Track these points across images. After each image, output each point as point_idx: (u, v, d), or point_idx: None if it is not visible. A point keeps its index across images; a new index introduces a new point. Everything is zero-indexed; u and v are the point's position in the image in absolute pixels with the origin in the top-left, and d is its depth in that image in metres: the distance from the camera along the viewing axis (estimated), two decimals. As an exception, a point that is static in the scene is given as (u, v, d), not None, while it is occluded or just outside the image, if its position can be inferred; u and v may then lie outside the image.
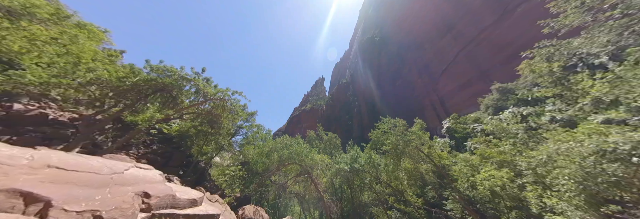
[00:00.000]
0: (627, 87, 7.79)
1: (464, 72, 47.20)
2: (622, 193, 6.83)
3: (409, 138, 15.98)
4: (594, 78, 9.07)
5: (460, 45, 48.97)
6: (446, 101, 51.83)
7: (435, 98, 55.73)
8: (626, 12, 8.00)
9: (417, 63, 65.99)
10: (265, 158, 16.50)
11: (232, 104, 16.55)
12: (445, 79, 53.52)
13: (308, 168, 15.73)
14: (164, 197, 4.27)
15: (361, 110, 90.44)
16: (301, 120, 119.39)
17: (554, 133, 10.54)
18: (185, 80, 14.28)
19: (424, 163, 17.25)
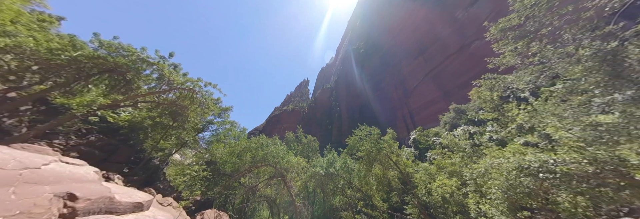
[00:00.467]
0: (540, 118, 9.68)
1: (430, 91, 52.14)
2: (531, 202, 8.35)
3: (382, 146, 16.78)
4: (519, 109, 11.06)
5: (430, 67, 54.32)
6: (415, 115, 56.16)
7: (407, 112, 60.03)
8: (542, 60, 10.10)
9: (394, 78, 70.76)
10: (236, 158, 14.60)
11: (203, 96, 14.50)
12: (416, 96, 58.28)
13: (283, 171, 15.03)
14: (97, 200, 3.42)
15: (342, 115, 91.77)
16: (281, 120, 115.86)
17: (491, 150, 12.40)
18: (146, 63, 12.05)
19: (392, 170, 18.13)
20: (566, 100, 8.97)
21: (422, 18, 57.22)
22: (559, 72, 8.71)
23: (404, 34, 67.98)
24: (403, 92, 65.43)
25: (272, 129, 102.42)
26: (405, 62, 66.38)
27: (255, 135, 20.55)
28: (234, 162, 14.64)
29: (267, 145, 15.07)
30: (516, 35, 9.21)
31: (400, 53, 69.27)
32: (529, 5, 8.27)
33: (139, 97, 13.15)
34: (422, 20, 57.29)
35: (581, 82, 7.86)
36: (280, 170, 14.93)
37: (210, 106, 15.41)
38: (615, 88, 6.99)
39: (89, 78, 11.16)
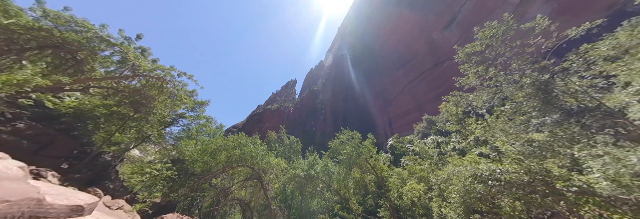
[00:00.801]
0: (491, 133, 10.98)
1: (407, 102, 55.54)
2: (482, 205, 9.38)
3: (362, 150, 17.15)
4: (477, 123, 12.42)
5: (408, 80, 58.08)
6: (393, 123, 59.02)
7: (386, 120, 62.85)
8: (496, 84, 11.57)
9: (377, 87, 73.89)
10: (208, 157, 12.86)
11: (176, 87, 12.77)
12: (395, 105, 61.49)
13: (260, 172, 13.70)
14: (18, 202, 2.69)
15: (327, 118, 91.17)
16: (264, 118, 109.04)
17: (453, 158, 13.64)
18: (105, 42, 10.13)
19: (369, 174, 18.66)
20: (512, 119, 10.26)
21: (404, 35, 61.45)
22: (508, 95, 9.97)
23: (388, 47, 71.97)
24: (384, 101, 68.51)
25: (253, 128, 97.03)
26: (387, 73, 69.84)
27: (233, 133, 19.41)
28: (206, 161, 12.81)
29: (245, 145, 13.49)
30: (478, 60, 10.47)
31: (384, 65, 72.87)
32: (488, 36, 9.55)
33: (91, 80, 11.11)
34: (404, 36, 61.49)
35: (523, 104, 9.13)
36: (258, 172, 13.67)
37: (182, 98, 13.52)
38: (546, 112, 8.30)
39: (24, 53, 8.95)
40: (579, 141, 6.65)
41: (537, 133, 9.04)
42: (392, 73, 66.51)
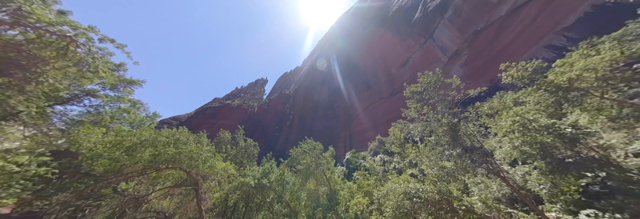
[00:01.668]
0: (420, 158, 13.04)
1: (367, 121, 60.86)
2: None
3: (321, 161, 16.90)
4: (412, 149, 14.64)
5: (370, 102, 64.45)
6: (353, 138, 62.68)
7: (348, 134, 66.31)
8: (427, 119, 14.12)
9: (344, 102, 78.13)
10: (121, 153, 9.31)
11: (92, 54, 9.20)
12: (356, 122, 66.19)
13: (198, 178, 10.73)
14: None
15: (293, 125, 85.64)
16: (219, 114, 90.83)
17: (393, 176, 15.44)
18: None
19: (323, 186, 18.12)
20: (434, 148, 12.50)
21: (372, 63, 69.64)
22: (433, 129, 12.25)
23: (358, 71, 78.78)
24: (348, 117, 72.77)
25: (202, 123, 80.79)
26: (355, 92, 75.26)
27: (172, 125, 15.88)
28: (117, 158, 9.16)
29: (186, 142, 10.58)
30: (417, 98, 12.81)
31: (353, 84, 78.48)
32: (426, 82, 11.99)
33: None
34: (372, 64, 69.61)
35: (441, 138, 11.39)
36: (195, 177, 10.56)
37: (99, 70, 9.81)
38: (453, 146, 10.61)
39: None
40: (468, 171, 8.83)
41: (448, 162, 11.30)
42: (359, 93, 72.36)
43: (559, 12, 20.45)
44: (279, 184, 16.02)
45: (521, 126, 7.40)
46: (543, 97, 7.29)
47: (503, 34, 26.48)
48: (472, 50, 31.59)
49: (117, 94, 11.98)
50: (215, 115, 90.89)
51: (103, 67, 10.12)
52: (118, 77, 11.36)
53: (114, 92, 11.95)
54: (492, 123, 9.38)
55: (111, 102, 11.94)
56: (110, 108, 12.06)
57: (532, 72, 8.14)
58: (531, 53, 23.12)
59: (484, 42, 29.34)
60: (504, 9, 25.24)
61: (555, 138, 5.88)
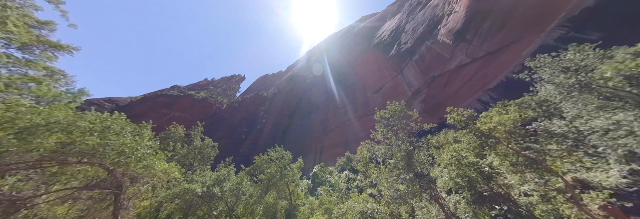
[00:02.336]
0: (380, 179, 13.77)
1: (339, 136, 62.34)
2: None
3: (287, 172, 15.48)
4: (375, 169, 15.41)
5: (345, 118, 67.13)
6: (324, 151, 62.44)
7: (319, 147, 65.89)
8: (390, 143, 15.31)
9: (321, 115, 78.55)
10: (7, 134, 6.36)
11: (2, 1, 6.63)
12: (329, 136, 67.02)
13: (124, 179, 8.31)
14: None
15: (264, 129, 77.75)
16: (175, 104, 73.42)
17: (354, 194, 15.68)
18: None
19: (284, 199, 16.37)
20: (392, 171, 13.38)
21: (353, 83, 74.39)
22: (394, 153, 13.24)
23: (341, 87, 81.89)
24: (323, 129, 73.02)
25: (149, 111, 63.91)
26: (332, 107, 76.70)
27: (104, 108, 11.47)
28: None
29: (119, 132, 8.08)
30: (385, 123, 14.01)
31: (332, 99, 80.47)
32: (392, 110, 13.33)
33: None
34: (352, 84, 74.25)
35: (399, 162, 12.38)
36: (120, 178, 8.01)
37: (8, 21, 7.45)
38: (407, 171, 11.64)
39: None
40: (416, 195, 9.77)
41: (402, 185, 12.18)
42: (336, 108, 74.10)
43: (486, 76, 26.81)
44: (233, 195, 13.29)
45: (457, 160, 8.90)
46: (472, 139, 9.06)
47: (451, 83, 32.70)
48: (429, 90, 37.54)
49: (28, 57, 8.39)
50: (170, 104, 72.68)
51: (16, 19, 7.45)
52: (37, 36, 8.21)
53: (24, 53, 8.41)
54: (437, 154, 10.92)
55: (15, 65, 8.23)
56: (8, 73, 8.27)
57: (466, 118, 10.19)
58: (468, 102, 28.79)
59: (438, 86, 35.45)
60: (453, 64, 31.81)
61: (478, 174, 7.25)
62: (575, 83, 6.36)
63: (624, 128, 4.38)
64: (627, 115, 4.44)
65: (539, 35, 20.77)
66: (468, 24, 29.01)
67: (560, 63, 7.36)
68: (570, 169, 5.67)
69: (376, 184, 15.52)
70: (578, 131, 5.85)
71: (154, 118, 46.05)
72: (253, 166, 15.63)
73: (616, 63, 5.60)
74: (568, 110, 6.19)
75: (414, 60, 43.30)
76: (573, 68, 6.87)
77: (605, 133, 4.90)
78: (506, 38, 24.23)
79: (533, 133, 7.22)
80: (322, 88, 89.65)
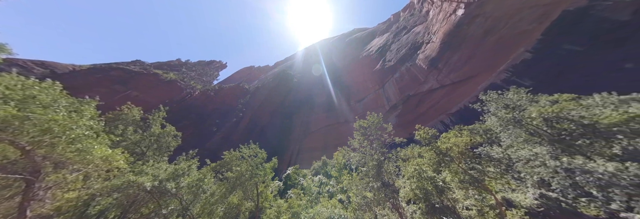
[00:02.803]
0: (350, 186, 14.05)
1: (319, 140, 62.54)
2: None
3: (258, 172, 13.95)
4: (348, 175, 15.70)
5: (327, 123, 67.88)
6: (301, 154, 61.54)
7: (297, 149, 64.75)
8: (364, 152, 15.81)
9: (304, 117, 77.05)
10: None
11: None
12: (309, 139, 66.64)
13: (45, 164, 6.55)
14: None
15: (240, 123, 69.48)
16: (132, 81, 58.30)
17: (324, 199, 15.68)
18: None
19: (250, 201, 14.75)
20: (363, 179, 13.75)
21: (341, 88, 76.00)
22: (367, 162, 13.65)
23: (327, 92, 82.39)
24: (304, 131, 71.97)
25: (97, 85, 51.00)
26: (317, 110, 76.05)
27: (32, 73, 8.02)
28: None
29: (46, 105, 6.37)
30: (362, 132, 14.49)
31: (318, 102, 79.65)
32: (371, 121, 13.87)
33: None
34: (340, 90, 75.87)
35: (369, 171, 12.84)
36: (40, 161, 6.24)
37: None
38: (376, 180, 12.15)
39: None
40: (380, 203, 10.32)
41: (369, 192, 12.61)
42: (320, 113, 74.01)
43: (450, 102, 30.73)
44: (191, 193, 11.20)
45: (418, 174, 9.81)
46: (432, 155, 10.13)
47: (422, 104, 36.41)
48: (404, 107, 40.98)
49: None
50: (127, 81, 57.83)
51: None
52: None
53: None
54: (403, 166, 11.82)
55: None
56: None
57: (430, 136, 11.40)
58: (433, 123, 32.32)
59: (411, 105, 39.03)
60: (425, 87, 35.64)
61: (433, 187, 8.11)
62: (511, 118, 7.79)
63: (539, 160, 5.55)
64: (542, 149, 5.66)
65: (491, 74, 24.80)
66: (441, 55, 32.98)
67: (502, 100, 8.98)
68: (501, 189, 6.80)
69: (347, 191, 15.88)
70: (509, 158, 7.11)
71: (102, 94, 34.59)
72: (221, 162, 14.01)
73: (539, 107, 7.12)
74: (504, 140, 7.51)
75: (394, 77, 46.92)
76: (511, 106, 8.45)
77: (527, 162, 6.10)
78: (468, 72, 28.25)
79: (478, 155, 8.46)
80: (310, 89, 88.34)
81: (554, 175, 5.24)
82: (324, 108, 73.37)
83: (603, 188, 4.17)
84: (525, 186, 6.37)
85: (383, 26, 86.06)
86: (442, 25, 34.81)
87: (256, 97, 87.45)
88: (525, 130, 7.01)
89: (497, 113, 8.76)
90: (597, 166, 4.14)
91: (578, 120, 5.39)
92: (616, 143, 4.62)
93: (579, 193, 4.81)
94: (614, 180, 3.90)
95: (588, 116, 5.09)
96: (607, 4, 15.84)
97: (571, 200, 5.11)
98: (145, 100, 53.90)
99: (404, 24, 62.74)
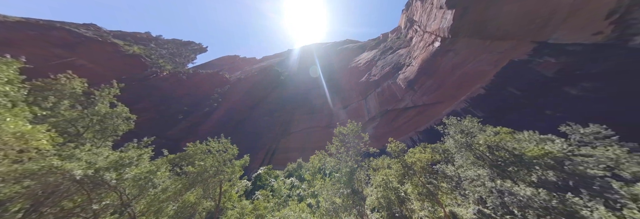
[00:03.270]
0: (322, 190, 13.95)
1: (298, 141, 61.45)
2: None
3: (226, 169, 12.43)
4: (321, 179, 15.64)
5: (309, 125, 67.20)
6: (277, 154, 59.25)
7: (274, 148, 62.13)
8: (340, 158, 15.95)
9: (286, 116, 74.35)
10: None
11: None
12: (288, 139, 64.86)
13: None
14: None
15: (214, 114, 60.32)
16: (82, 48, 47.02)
17: (293, 203, 15.23)
18: None
19: (210, 200, 12.83)
20: (334, 184, 13.80)
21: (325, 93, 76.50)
22: (341, 168, 13.77)
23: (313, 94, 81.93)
24: (283, 131, 69.36)
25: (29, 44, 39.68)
26: (300, 111, 73.57)
27: None
28: None
29: None
30: (341, 139, 14.63)
31: (304, 103, 76.71)
32: (350, 129, 14.05)
33: None
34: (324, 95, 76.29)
35: (343, 177, 12.99)
36: None
37: None
38: (347, 187, 12.36)
39: None
40: (347, 210, 10.54)
41: (339, 198, 12.73)
42: (304, 114, 72.61)
43: (420, 121, 34.31)
44: (137, 186, 9.07)
45: (384, 183, 10.45)
46: (399, 168, 10.96)
47: (397, 120, 39.64)
48: (381, 120, 43.82)
49: None
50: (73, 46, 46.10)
51: None
52: None
53: None
54: (373, 175, 12.43)
55: None
56: None
57: (400, 150, 12.37)
58: (403, 138, 35.38)
59: (388, 119, 42.04)
60: (401, 104, 39.11)
61: (396, 197, 8.74)
62: (464, 142, 9.09)
63: (480, 180, 6.59)
64: (484, 171, 6.75)
65: (454, 102, 28.71)
66: (417, 78, 36.79)
67: (459, 126, 10.47)
68: (450, 203, 7.77)
69: (317, 195, 15.77)
70: (459, 176, 8.20)
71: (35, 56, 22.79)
72: (182, 154, 11.84)
73: (486, 136, 8.55)
74: (457, 160, 8.68)
75: (377, 91, 50.13)
76: (465, 132, 9.91)
77: (471, 182, 7.15)
78: (437, 97, 32.09)
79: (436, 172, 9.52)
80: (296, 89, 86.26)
81: (489, 194, 6.27)
82: (308, 110, 72.73)
83: (522, 208, 5.18)
84: (468, 202, 7.41)
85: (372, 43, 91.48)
86: (421, 52, 39.12)
87: (237, 89, 79.87)
88: (474, 154, 8.23)
89: (454, 136, 10.09)
90: (519, 189, 5.18)
91: (511, 150, 6.67)
92: (534, 172, 5.85)
93: (505, 211, 5.86)
94: (530, 202, 4.90)
95: (518, 148, 6.37)
96: (539, 61, 20.26)
97: (499, 217, 6.17)
98: (95, 72, 42.53)
99: (390, 45, 68.06)
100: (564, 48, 18.81)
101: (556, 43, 19.29)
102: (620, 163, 5.49)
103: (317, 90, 79.96)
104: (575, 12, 17.60)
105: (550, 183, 5.54)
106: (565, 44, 18.70)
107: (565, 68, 18.62)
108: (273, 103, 79.77)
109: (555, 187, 5.59)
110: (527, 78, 21.40)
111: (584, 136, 7.40)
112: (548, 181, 5.55)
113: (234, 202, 15.21)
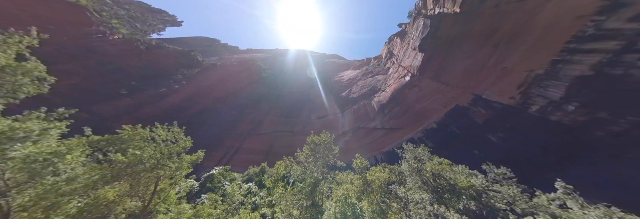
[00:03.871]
0: (280, 200, 13.03)
1: (264, 144, 57.29)
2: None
3: (170, 164, 9.57)
4: (282, 189, 14.64)
5: (280, 128, 64.27)
6: (239, 154, 53.25)
7: (237, 146, 55.65)
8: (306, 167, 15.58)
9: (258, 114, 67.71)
10: None
11: None
12: (254, 139, 59.66)
13: None
14: None
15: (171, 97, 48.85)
16: None
17: (244, 212, 13.57)
18: None
19: (137, 200, 9.81)
20: (296, 195, 13.08)
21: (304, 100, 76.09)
22: (306, 178, 13.19)
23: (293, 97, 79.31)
24: (251, 130, 63.02)
25: None
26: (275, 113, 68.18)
27: None
28: None
29: None
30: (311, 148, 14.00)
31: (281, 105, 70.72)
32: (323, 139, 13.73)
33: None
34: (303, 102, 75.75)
35: (305, 188, 12.40)
36: None
37: None
38: (308, 199, 11.86)
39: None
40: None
41: (297, 210, 12.04)
42: (278, 116, 68.13)
43: (384, 142, 37.87)
44: (27, 170, 6.40)
45: (344, 198, 10.65)
46: (360, 184, 11.48)
47: (366, 137, 42.68)
48: (353, 136, 46.23)
49: None
50: None
51: None
52: None
53: None
54: (335, 189, 12.53)
55: None
56: None
57: (363, 167, 13.09)
58: (368, 156, 38.05)
59: (358, 135, 44.78)
60: (372, 124, 42.78)
61: (352, 213, 8.96)
62: (415, 168, 10.46)
63: (423, 204, 7.58)
64: (427, 196, 7.82)
65: (413, 131, 33.34)
66: (388, 104, 41.51)
67: (414, 152, 12.09)
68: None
69: (274, 205, 14.55)
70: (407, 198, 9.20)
71: None
72: (112, 137, 8.96)
73: (432, 164, 10.13)
74: (408, 183, 9.81)
75: (353, 108, 53.54)
76: (418, 158, 11.47)
77: (416, 204, 8.12)
78: (401, 124, 36.60)
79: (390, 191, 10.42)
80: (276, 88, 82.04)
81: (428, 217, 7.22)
82: (283, 113, 69.91)
83: (450, 231, 6.18)
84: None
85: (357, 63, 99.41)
86: (394, 82, 45.02)
87: (207, 74, 67.93)
88: (421, 179, 9.51)
89: (409, 160, 11.50)
90: (450, 215, 6.20)
91: (448, 179, 8.08)
92: (462, 201, 7.19)
93: (438, 233, 6.84)
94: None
95: (453, 178, 7.79)
96: (475, 110, 26.25)
97: (434, 238, 7.12)
98: (14, 15, 30.10)
99: (371, 69, 75.39)
100: (490, 104, 25.12)
101: (487, 99, 25.65)
102: (516, 200, 7.44)
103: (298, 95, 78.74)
104: (500, 79, 24.24)
105: (472, 211, 6.91)
106: (492, 101, 25.06)
107: (489, 119, 24.70)
108: (246, 98, 72.45)
109: (474, 215, 6.97)
110: (465, 122, 27.17)
111: (496, 175, 9.83)
112: (470, 209, 6.92)
113: (171, 204, 12.05)
